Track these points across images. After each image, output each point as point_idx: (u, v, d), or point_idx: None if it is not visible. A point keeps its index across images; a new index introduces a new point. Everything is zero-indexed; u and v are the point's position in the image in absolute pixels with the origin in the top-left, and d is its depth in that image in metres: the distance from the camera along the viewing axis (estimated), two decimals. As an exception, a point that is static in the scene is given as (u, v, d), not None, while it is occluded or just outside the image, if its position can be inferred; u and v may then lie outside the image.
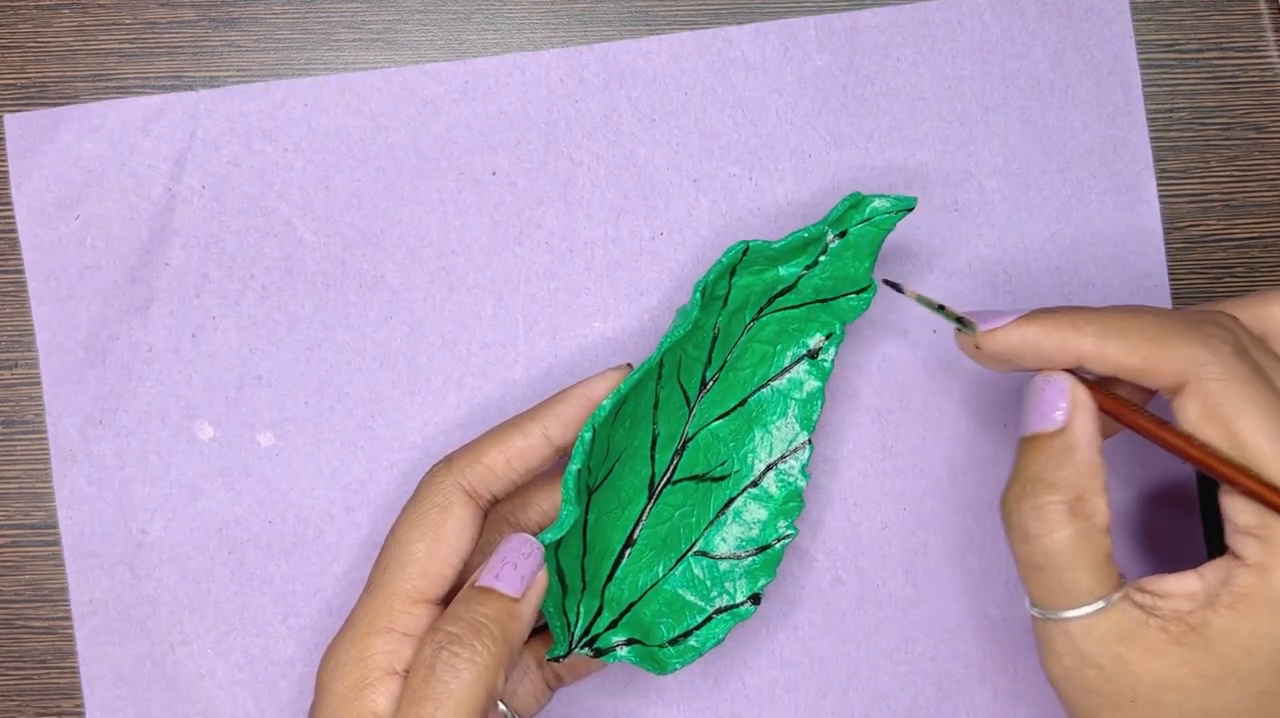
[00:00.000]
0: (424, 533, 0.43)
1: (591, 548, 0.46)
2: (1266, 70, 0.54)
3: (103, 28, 0.52)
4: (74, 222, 0.51)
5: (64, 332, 0.50)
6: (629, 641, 0.46)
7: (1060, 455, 0.41)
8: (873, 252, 0.47)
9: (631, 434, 0.46)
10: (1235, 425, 0.39)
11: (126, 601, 0.50)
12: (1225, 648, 0.39)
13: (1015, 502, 0.41)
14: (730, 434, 0.48)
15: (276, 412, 0.51)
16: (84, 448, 0.50)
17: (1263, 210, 0.54)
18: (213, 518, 0.50)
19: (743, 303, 0.47)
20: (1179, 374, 0.39)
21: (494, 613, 0.41)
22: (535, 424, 0.44)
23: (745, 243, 0.46)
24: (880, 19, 0.52)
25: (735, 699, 0.51)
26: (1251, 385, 0.39)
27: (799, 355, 0.48)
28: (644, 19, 0.52)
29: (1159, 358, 0.40)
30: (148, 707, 0.50)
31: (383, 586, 0.43)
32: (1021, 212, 0.52)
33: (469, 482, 0.44)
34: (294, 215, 0.51)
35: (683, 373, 0.47)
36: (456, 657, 0.40)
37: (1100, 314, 0.41)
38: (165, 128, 0.51)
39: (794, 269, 0.47)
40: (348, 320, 0.51)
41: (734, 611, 0.47)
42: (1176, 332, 0.40)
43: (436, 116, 0.51)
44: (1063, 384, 0.42)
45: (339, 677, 0.42)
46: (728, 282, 0.46)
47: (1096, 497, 0.41)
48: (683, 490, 0.48)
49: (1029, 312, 0.42)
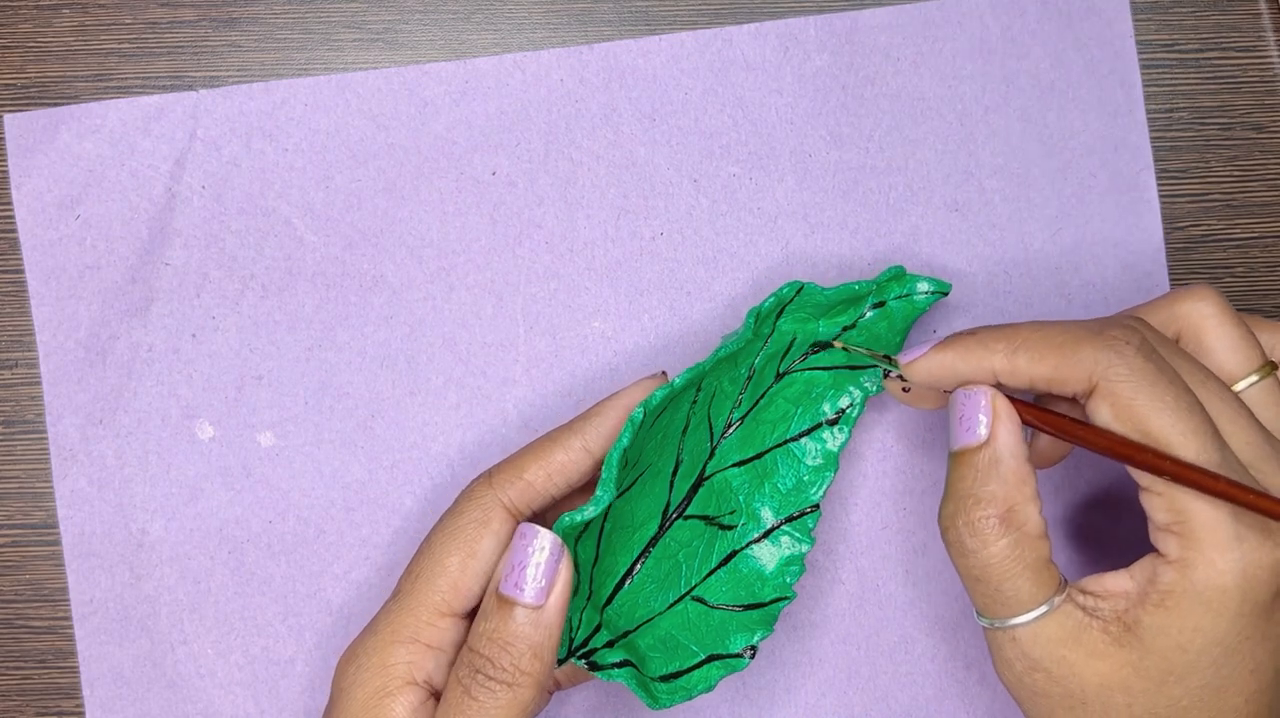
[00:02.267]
0: (459, 547, 0.43)
1: (602, 559, 0.46)
2: (1266, 70, 0.54)
3: (103, 28, 0.52)
4: (74, 221, 0.51)
5: (64, 331, 0.50)
6: (625, 662, 0.45)
7: (987, 469, 0.42)
8: (906, 327, 0.48)
9: (660, 451, 0.46)
10: (1146, 423, 0.39)
11: (127, 600, 0.50)
12: (1160, 646, 0.39)
13: (950, 518, 0.42)
14: (742, 485, 0.48)
15: (277, 412, 0.51)
16: (84, 448, 0.50)
17: (1263, 210, 0.54)
18: (213, 518, 0.50)
19: (780, 350, 0.47)
20: (1088, 378, 0.40)
21: (520, 628, 0.41)
22: (575, 438, 0.44)
23: (800, 283, 0.47)
24: (880, 19, 0.52)
25: (735, 699, 0.51)
26: (1158, 383, 0.39)
27: (818, 421, 0.48)
28: (644, 19, 0.52)
29: (1066, 365, 0.40)
30: (148, 707, 0.50)
31: (411, 595, 0.43)
32: (1022, 211, 0.52)
33: (509, 498, 0.44)
34: (294, 215, 0.51)
35: (714, 407, 0.47)
36: (491, 680, 0.40)
37: (1010, 330, 0.42)
38: (165, 127, 0.51)
39: (833, 329, 0.48)
40: (348, 320, 0.51)
41: (727, 661, 0.46)
42: (1082, 338, 0.41)
43: (437, 116, 0.51)
44: (982, 397, 0.42)
45: (360, 682, 0.42)
46: (773, 322, 0.47)
47: (1027, 505, 0.41)
48: (691, 529, 0.48)
49: (944, 338, 0.44)
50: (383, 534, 0.51)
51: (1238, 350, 0.44)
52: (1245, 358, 0.44)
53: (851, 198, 0.52)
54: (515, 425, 0.51)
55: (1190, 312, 0.44)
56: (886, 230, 0.52)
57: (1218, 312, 0.44)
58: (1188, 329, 0.44)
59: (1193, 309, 0.44)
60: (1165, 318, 0.44)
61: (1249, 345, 0.44)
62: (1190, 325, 0.44)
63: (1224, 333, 0.44)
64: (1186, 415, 0.39)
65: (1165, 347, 0.41)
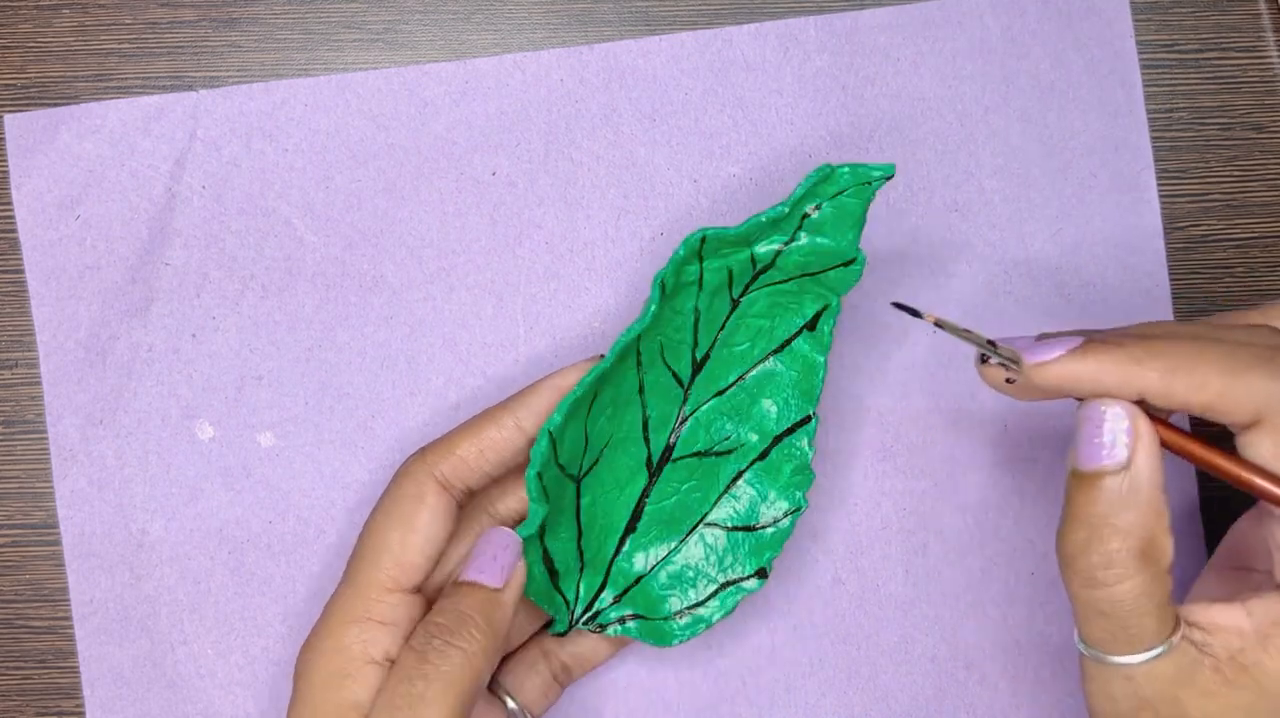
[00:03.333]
0: (397, 523, 0.44)
1: (589, 529, 0.47)
2: (1266, 70, 0.54)
3: (103, 28, 0.52)
4: (74, 221, 0.51)
5: (64, 332, 0.50)
6: (633, 615, 0.47)
7: (1125, 497, 0.38)
8: (855, 223, 0.46)
9: (616, 421, 0.47)
10: None
11: (127, 601, 0.50)
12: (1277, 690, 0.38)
13: (1081, 547, 0.38)
14: (732, 409, 0.48)
15: (277, 412, 0.51)
16: (84, 448, 0.50)
17: (1263, 210, 0.54)
18: (213, 518, 0.50)
19: (721, 284, 0.47)
20: (1254, 410, 0.37)
21: (478, 604, 0.42)
22: (508, 415, 0.45)
23: (702, 231, 0.45)
24: (880, 19, 0.52)
25: (735, 700, 0.51)
26: None
27: (797, 328, 0.48)
28: (644, 19, 0.52)
29: (1233, 395, 0.37)
30: (148, 707, 0.50)
31: (357, 575, 0.43)
32: (1022, 212, 0.52)
33: (442, 473, 0.44)
34: (294, 215, 0.51)
35: (668, 357, 0.47)
36: (446, 644, 0.41)
37: (1164, 347, 0.38)
38: (165, 128, 0.51)
39: (770, 247, 0.47)
40: (348, 321, 0.51)
41: (740, 584, 0.47)
42: (1250, 365, 0.37)
43: (437, 117, 0.51)
44: (1125, 416, 0.39)
45: (317, 667, 0.42)
46: (698, 267, 0.46)
47: (1164, 538, 0.38)
48: (686, 467, 0.48)
49: (1081, 342, 0.39)
50: (383, 534, 0.51)
51: None
52: None
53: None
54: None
55: None
56: (886, 230, 0.52)
57: None
58: None
59: None
60: None
61: None
62: None
63: None
64: None
65: None
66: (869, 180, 0.45)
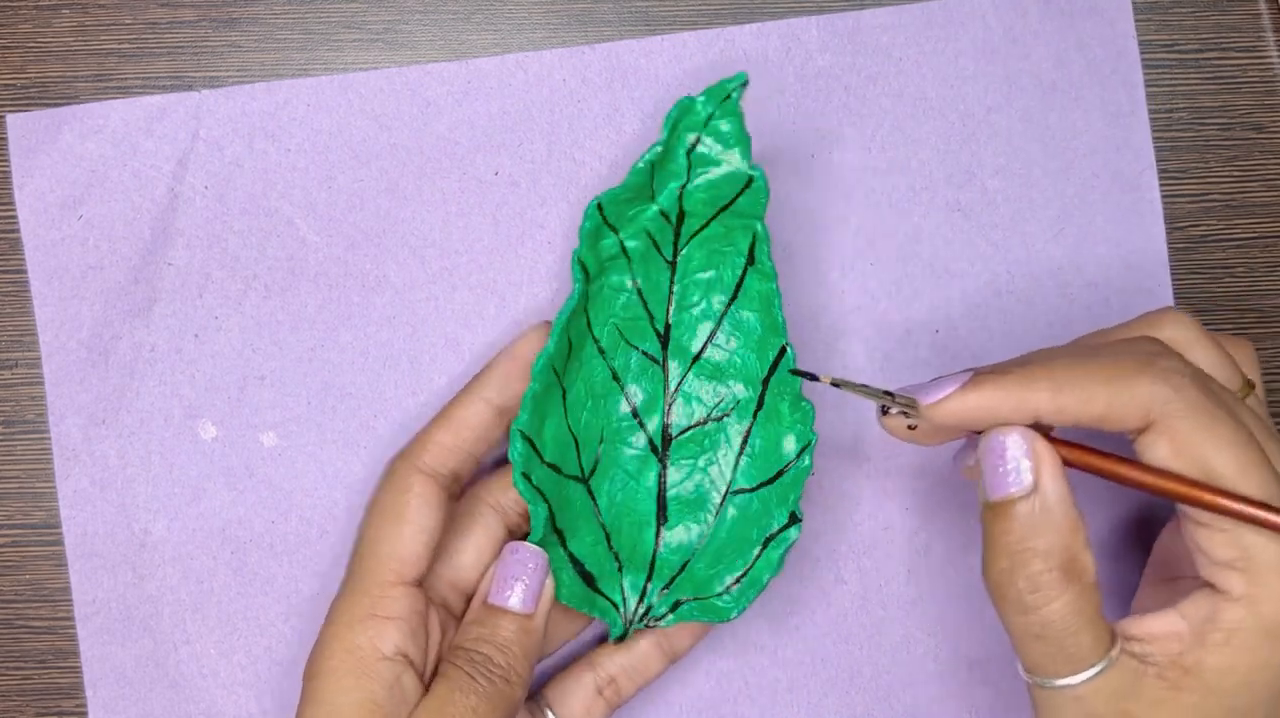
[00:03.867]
0: (388, 518, 0.44)
1: (616, 530, 0.47)
2: (1266, 70, 0.54)
3: (103, 28, 0.52)
4: (76, 222, 0.50)
5: (66, 332, 0.50)
6: (686, 599, 0.47)
7: (1039, 519, 0.39)
8: (738, 141, 0.46)
9: (601, 414, 0.47)
10: (1207, 460, 0.38)
11: (129, 600, 0.50)
12: (1224, 685, 0.38)
13: (1006, 575, 0.39)
14: (714, 370, 0.48)
15: (279, 412, 0.51)
16: (86, 448, 0.50)
17: (1263, 210, 0.54)
18: (215, 518, 0.50)
19: (647, 249, 0.47)
20: (1143, 415, 0.38)
21: (511, 634, 0.43)
22: (472, 393, 0.46)
23: (596, 199, 0.46)
24: (882, 19, 0.52)
25: (738, 699, 0.51)
26: (1217, 419, 0.38)
27: (741, 267, 0.48)
28: (644, 19, 0.52)
29: (1121, 402, 0.38)
30: (150, 707, 0.50)
31: (356, 575, 0.44)
32: (1024, 211, 0.52)
33: (424, 463, 0.45)
34: (297, 215, 0.51)
35: (630, 337, 0.47)
36: (477, 677, 0.42)
37: (1049, 366, 0.39)
38: (168, 128, 0.51)
39: (669, 197, 0.47)
40: (350, 320, 0.51)
41: (780, 537, 0.47)
42: (1134, 371, 0.38)
43: (439, 116, 0.51)
44: (1023, 441, 0.39)
45: (329, 669, 0.43)
46: (614, 238, 0.46)
47: (1083, 554, 0.39)
48: (693, 441, 0.48)
49: (970, 375, 0.40)
50: (385, 534, 0.51)
51: (1224, 370, 0.42)
52: (1231, 377, 0.43)
53: (853, 198, 0.52)
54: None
55: (1174, 337, 0.42)
56: (888, 230, 0.52)
57: (1199, 335, 0.43)
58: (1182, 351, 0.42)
59: (1176, 334, 0.42)
60: None
61: (1230, 365, 0.43)
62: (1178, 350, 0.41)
63: (1208, 356, 0.42)
64: (1246, 450, 0.38)
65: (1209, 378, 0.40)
66: (727, 95, 0.46)
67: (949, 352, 0.52)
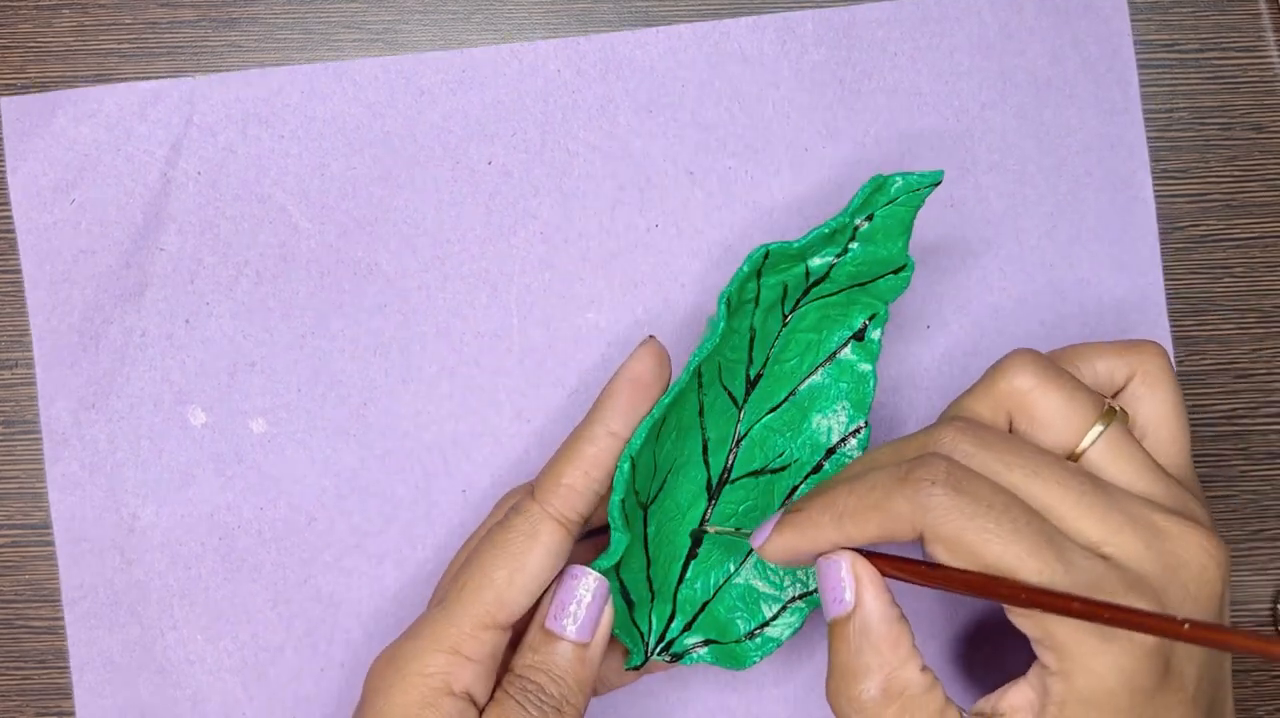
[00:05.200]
0: (508, 560, 0.43)
1: (656, 559, 0.47)
2: (1266, 70, 0.54)
3: (103, 28, 0.52)
4: (69, 206, 0.51)
5: (58, 316, 0.50)
6: (705, 641, 0.47)
7: (859, 639, 0.40)
8: (904, 230, 0.46)
9: (680, 445, 0.46)
10: (981, 556, 0.38)
11: (117, 586, 0.50)
12: None
13: (834, 696, 0.41)
14: (785, 425, 0.48)
15: (269, 398, 0.51)
16: (76, 432, 0.50)
17: (1263, 210, 0.54)
18: (204, 504, 0.51)
19: (775, 300, 0.47)
20: (911, 528, 0.39)
21: (568, 663, 0.43)
22: (598, 427, 0.44)
23: (765, 247, 0.44)
24: (878, 13, 0.52)
25: (724, 692, 0.51)
26: (976, 513, 0.38)
27: (845, 339, 0.48)
28: (643, 18, 0.53)
29: (888, 523, 0.39)
30: (136, 692, 0.50)
31: (457, 605, 0.43)
32: (1017, 208, 0.52)
33: (555, 508, 0.43)
34: (289, 202, 0.51)
35: (724, 377, 0.47)
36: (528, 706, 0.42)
37: (829, 498, 0.41)
38: (161, 113, 0.51)
39: (824, 260, 0.46)
40: (342, 308, 0.51)
41: (809, 597, 0.47)
42: (891, 490, 0.39)
43: (433, 105, 0.51)
44: (841, 564, 0.41)
45: (398, 687, 0.42)
46: (755, 284, 0.45)
47: (904, 667, 0.40)
48: (744, 488, 0.48)
49: (779, 518, 0.42)
50: (374, 523, 0.51)
51: (1069, 414, 0.42)
52: (1080, 418, 0.42)
53: (847, 192, 0.52)
54: (508, 416, 0.51)
55: (1010, 391, 0.42)
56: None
57: (1036, 383, 0.42)
58: (1016, 408, 0.42)
59: (1011, 388, 0.42)
60: (989, 402, 0.43)
61: (1079, 403, 0.42)
62: (1016, 405, 0.42)
63: (1049, 402, 0.42)
64: (1021, 537, 0.38)
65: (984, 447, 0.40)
66: (919, 188, 0.45)
67: (940, 347, 0.52)
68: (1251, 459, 0.54)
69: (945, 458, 0.40)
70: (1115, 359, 0.44)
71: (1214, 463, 0.53)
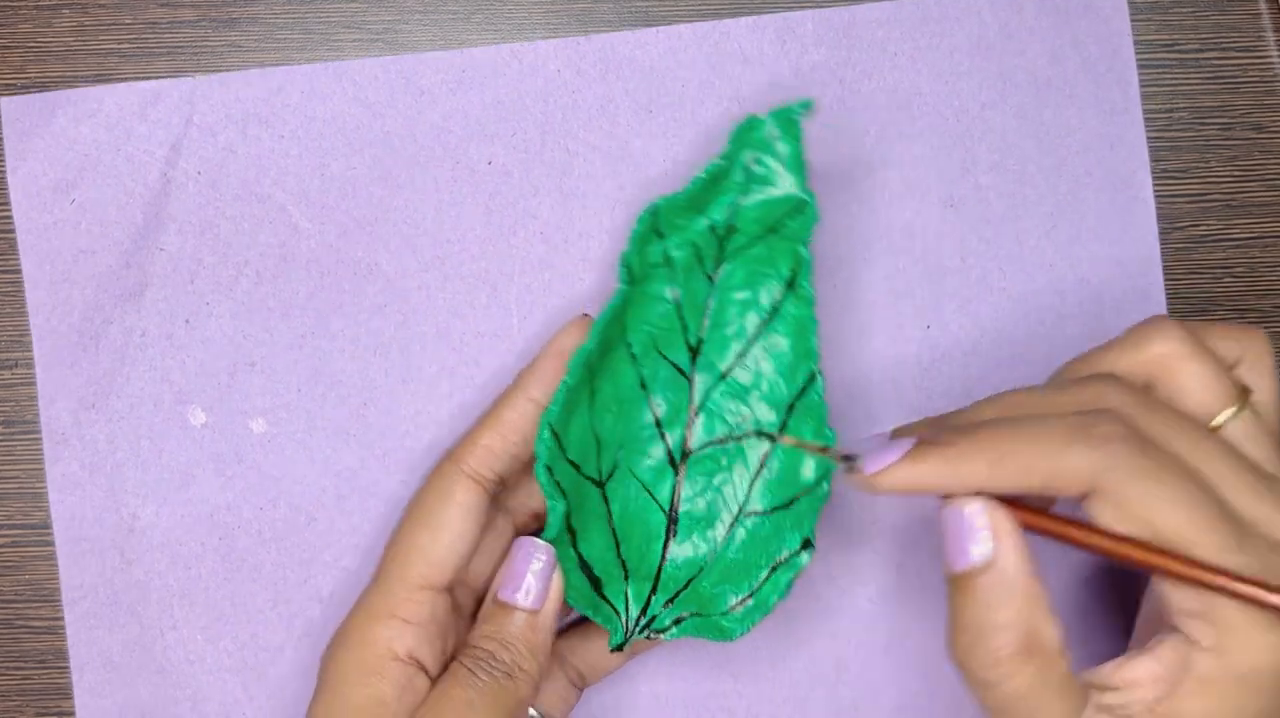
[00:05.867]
0: (426, 522, 0.44)
1: (626, 537, 0.47)
2: (1266, 70, 0.54)
3: (103, 28, 0.52)
4: (69, 205, 0.51)
5: (57, 316, 0.50)
6: (690, 614, 0.47)
7: (998, 593, 0.38)
8: (795, 167, 0.46)
9: (624, 420, 0.47)
10: (1156, 523, 0.37)
11: (116, 585, 0.50)
12: None
13: (966, 651, 0.39)
14: (740, 389, 0.48)
15: (269, 398, 0.51)
16: (76, 432, 0.50)
17: (1263, 210, 0.54)
18: (204, 504, 0.51)
19: (691, 263, 0.47)
20: (1083, 484, 0.38)
21: (519, 630, 0.44)
22: (519, 394, 0.46)
23: (653, 204, 0.45)
24: (878, 14, 0.52)
25: (726, 693, 0.51)
26: (1159, 479, 0.37)
27: (779, 290, 0.48)
28: (644, 19, 0.52)
29: (1058, 475, 0.38)
30: (136, 692, 0.50)
31: (387, 574, 0.44)
32: (1017, 208, 0.52)
33: (470, 466, 0.45)
34: (289, 202, 0.51)
35: (662, 347, 0.47)
36: (478, 671, 0.43)
37: (987, 438, 0.39)
38: (162, 113, 0.51)
39: (721, 211, 0.46)
40: (341, 308, 0.51)
41: (791, 562, 0.47)
42: (1068, 440, 0.38)
43: (433, 105, 0.51)
44: (979, 513, 0.39)
45: (343, 662, 0.43)
46: (660, 246, 0.46)
47: (1045, 625, 0.39)
48: (711, 459, 0.48)
49: (913, 445, 0.40)
50: (374, 523, 0.51)
51: (1214, 389, 0.41)
52: (1222, 393, 0.41)
53: (846, 193, 0.52)
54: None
55: (1158, 356, 0.41)
56: (881, 225, 0.52)
57: (1189, 350, 0.41)
58: (1160, 373, 0.41)
59: (1164, 352, 0.41)
60: (1133, 363, 0.42)
61: (1222, 378, 0.41)
62: (1162, 370, 0.41)
63: (1199, 371, 0.41)
64: (1197, 509, 0.37)
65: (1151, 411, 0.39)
66: (792, 118, 0.45)
67: (940, 347, 0.52)
68: (1251, 459, 0.54)
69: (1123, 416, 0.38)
70: (1229, 341, 0.43)
71: (1214, 463, 0.53)
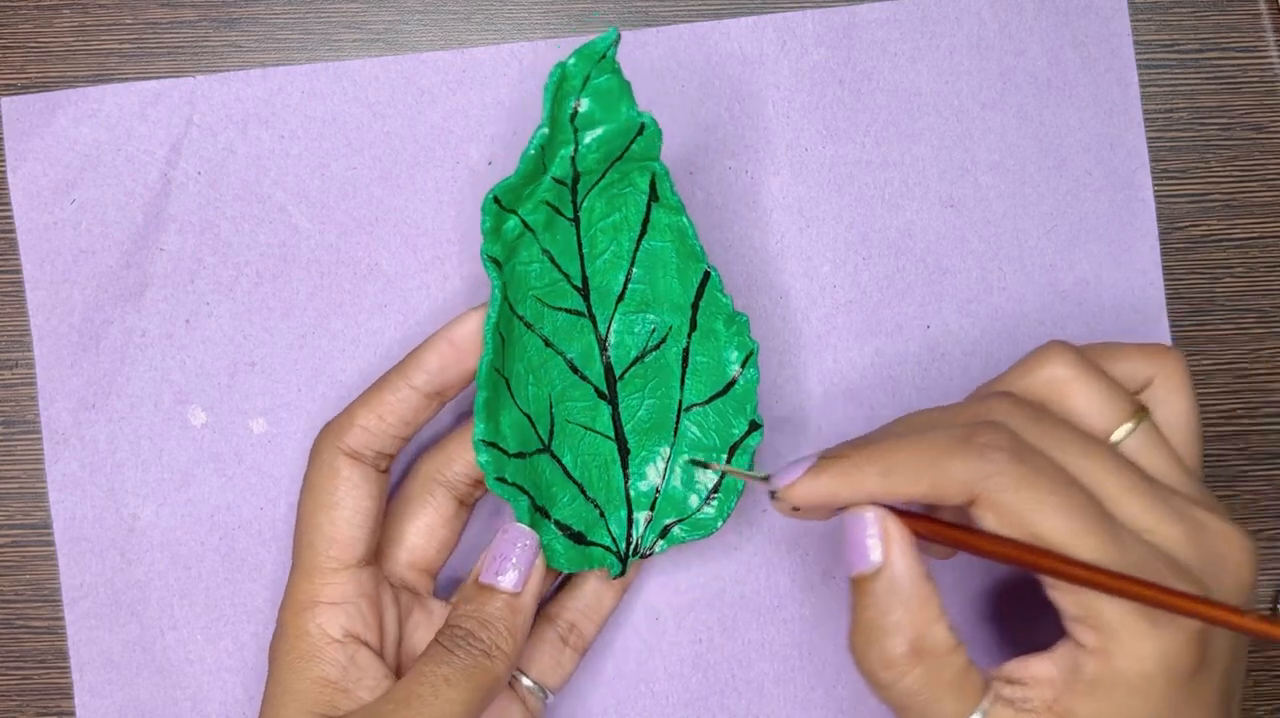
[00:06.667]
0: (319, 504, 0.45)
1: (588, 480, 0.48)
2: (1266, 70, 0.54)
3: (103, 28, 0.52)
4: (69, 206, 0.51)
5: (58, 316, 0.51)
6: (673, 522, 0.48)
7: (887, 596, 0.40)
8: (620, 96, 0.45)
9: (544, 382, 0.47)
10: (1035, 528, 0.38)
11: (117, 585, 0.50)
12: None
13: (861, 651, 0.41)
14: (639, 305, 0.48)
15: (269, 398, 0.51)
16: (76, 432, 0.50)
17: (1263, 210, 0.54)
18: (204, 504, 0.51)
19: (549, 217, 0.46)
20: (965, 492, 0.39)
21: (498, 610, 0.44)
22: (400, 379, 0.45)
23: (490, 193, 0.44)
24: (878, 14, 0.52)
25: (724, 692, 0.51)
26: (1038, 484, 0.38)
27: (644, 204, 0.47)
28: (644, 19, 0.53)
29: (941, 483, 0.39)
30: (136, 692, 0.50)
31: (301, 562, 0.45)
32: (1017, 208, 0.52)
33: (347, 445, 0.45)
34: (289, 202, 0.51)
35: (552, 300, 0.47)
36: (455, 649, 0.43)
37: (880, 450, 0.40)
38: (162, 113, 0.51)
39: (563, 163, 0.45)
40: (341, 308, 0.51)
41: (743, 444, 0.48)
42: (951, 450, 0.39)
43: (433, 105, 0.51)
44: (870, 520, 0.41)
45: (283, 652, 0.44)
46: (514, 220, 0.45)
47: (934, 626, 0.40)
48: (636, 377, 0.48)
49: (817, 459, 0.41)
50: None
51: (1105, 407, 0.42)
52: (1115, 412, 0.42)
53: (847, 192, 0.52)
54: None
55: (1050, 378, 0.43)
56: (881, 225, 0.52)
57: (1076, 373, 0.43)
58: (1052, 394, 0.43)
59: (1051, 376, 0.43)
60: (1027, 387, 0.43)
61: (1115, 397, 0.43)
62: (1054, 393, 0.43)
63: (1088, 392, 0.42)
64: (1076, 514, 0.38)
65: (1037, 427, 0.40)
66: (602, 55, 0.44)
67: (940, 347, 0.52)
68: (1251, 459, 0.54)
69: (1007, 427, 0.40)
70: (1139, 361, 0.45)
71: (1214, 463, 0.53)
